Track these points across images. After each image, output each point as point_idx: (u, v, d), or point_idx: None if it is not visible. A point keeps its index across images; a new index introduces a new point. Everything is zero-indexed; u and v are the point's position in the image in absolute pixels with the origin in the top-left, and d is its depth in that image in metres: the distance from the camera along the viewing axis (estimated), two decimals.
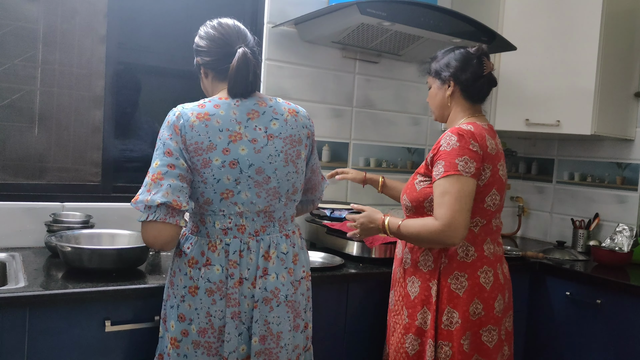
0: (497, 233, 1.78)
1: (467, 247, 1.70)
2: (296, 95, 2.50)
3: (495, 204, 1.71)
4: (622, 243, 2.42)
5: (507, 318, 1.77)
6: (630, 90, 2.64)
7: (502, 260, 1.78)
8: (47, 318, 1.44)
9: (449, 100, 1.79)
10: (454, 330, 1.67)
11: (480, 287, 1.68)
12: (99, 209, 2.10)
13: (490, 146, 1.68)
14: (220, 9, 2.43)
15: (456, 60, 1.76)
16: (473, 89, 1.76)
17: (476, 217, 1.69)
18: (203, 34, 1.49)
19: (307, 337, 1.57)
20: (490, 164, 1.67)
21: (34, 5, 2.03)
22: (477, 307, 1.67)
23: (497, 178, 1.69)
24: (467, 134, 1.64)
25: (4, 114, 2.01)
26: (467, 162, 1.61)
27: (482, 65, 1.75)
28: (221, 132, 1.37)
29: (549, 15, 2.51)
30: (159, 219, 1.31)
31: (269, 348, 1.42)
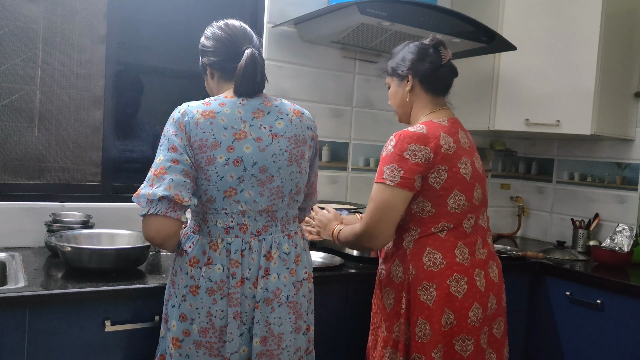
0: (475, 235, 1.66)
1: (433, 255, 1.61)
2: (296, 95, 2.50)
3: (461, 205, 1.62)
4: (622, 243, 2.42)
5: (495, 324, 1.68)
6: (630, 90, 2.64)
7: (485, 264, 1.67)
8: (47, 318, 1.44)
9: (409, 96, 1.71)
10: (426, 342, 1.58)
11: (450, 296, 1.58)
12: (99, 209, 2.10)
13: (447, 145, 1.60)
14: (220, 9, 2.43)
15: (411, 53, 1.69)
16: (433, 80, 1.68)
17: (441, 222, 1.62)
18: (209, 35, 1.48)
19: (309, 340, 1.55)
20: (446, 165, 1.59)
21: (34, 5, 2.03)
22: (448, 317, 1.58)
23: (459, 178, 1.61)
24: (408, 138, 1.58)
25: (4, 114, 2.01)
26: (393, 171, 1.56)
27: (439, 54, 1.67)
28: (226, 129, 1.36)
29: (549, 15, 2.51)
30: (160, 213, 1.30)
31: (271, 349, 1.41)
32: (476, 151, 1.74)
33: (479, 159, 1.73)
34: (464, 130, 1.73)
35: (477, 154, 1.73)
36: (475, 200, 1.66)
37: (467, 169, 1.64)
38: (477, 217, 1.68)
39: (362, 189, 2.73)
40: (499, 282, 1.70)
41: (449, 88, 1.73)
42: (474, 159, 1.69)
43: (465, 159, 1.64)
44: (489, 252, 1.71)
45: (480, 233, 1.69)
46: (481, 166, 1.73)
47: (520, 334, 2.40)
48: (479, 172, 1.69)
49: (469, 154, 1.67)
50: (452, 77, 1.72)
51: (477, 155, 1.73)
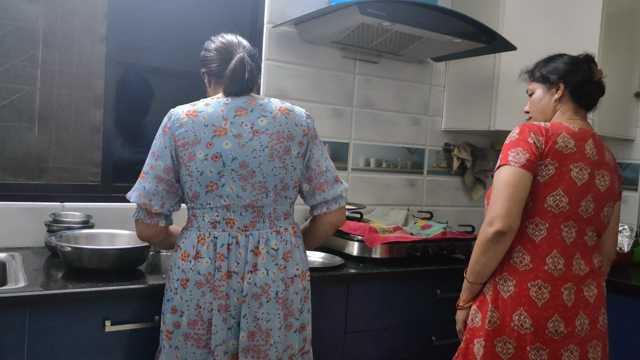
0: (574, 249, 1.59)
1: (522, 255, 1.59)
2: (296, 95, 2.50)
3: (560, 206, 1.57)
4: (623, 243, 2.42)
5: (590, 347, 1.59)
6: (630, 90, 2.63)
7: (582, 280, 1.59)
8: (47, 318, 1.44)
9: (555, 104, 1.74)
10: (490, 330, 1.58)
11: (529, 300, 1.55)
12: (99, 209, 2.10)
13: (563, 144, 1.58)
14: (221, 9, 2.43)
15: (565, 64, 1.73)
16: (582, 92, 1.71)
17: (535, 218, 1.59)
18: (209, 47, 1.58)
19: (305, 340, 1.55)
20: (556, 161, 1.57)
21: (34, 5, 2.03)
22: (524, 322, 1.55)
23: (566, 179, 1.57)
24: (530, 127, 1.61)
25: (4, 114, 2.01)
26: (518, 153, 1.57)
27: (591, 70, 1.71)
28: (206, 127, 1.43)
29: (549, 15, 2.51)
30: (139, 219, 1.48)
31: (258, 345, 1.42)
32: (612, 172, 1.67)
33: (608, 179, 1.65)
34: (600, 146, 1.68)
35: (609, 174, 1.65)
36: (581, 210, 1.60)
37: (582, 176, 1.60)
38: (580, 229, 1.61)
39: (362, 189, 2.73)
40: (595, 303, 1.61)
41: (594, 104, 1.75)
42: (598, 174, 1.63)
43: (583, 166, 1.60)
44: (591, 271, 1.63)
45: (582, 250, 1.62)
46: (608, 186, 1.65)
47: None
48: (597, 187, 1.62)
49: (592, 164, 1.62)
50: (599, 94, 1.74)
51: (606, 174, 1.65)
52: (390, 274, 2.00)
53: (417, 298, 2.10)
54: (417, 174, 2.91)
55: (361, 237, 2.09)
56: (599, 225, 1.66)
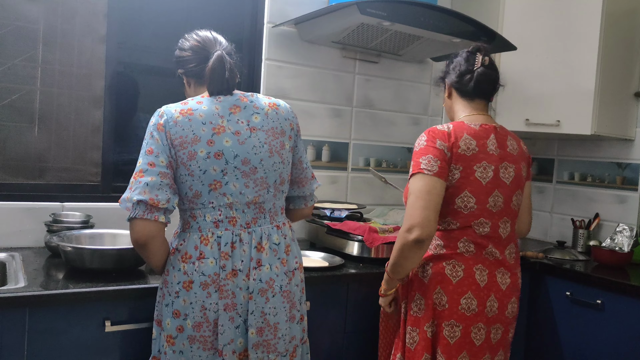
0: (487, 241, 1.69)
1: (437, 242, 1.71)
2: (296, 95, 2.50)
3: (469, 207, 1.66)
4: (622, 243, 2.42)
5: (493, 328, 1.69)
6: (630, 90, 2.63)
7: (494, 266, 1.69)
8: (46, 318, 1.44)
9: (449, 102, 1.83)
10: (420, 317, 1.69)
11: (444, 277, 1.66)
12: (99, 209, 2.10)
13: (465, 146, 1.64)
14: (220, 9, 2.43)
15: (450, 62, 1.81)
16: (462, 86, 1.77)
17: (447, 218, 1.68)
18: (181, 45, 1.56)
19: (304, 330, 1.58)
20: (461, 165, 1.64)
21: (34, 5, 2.03)
22: (441, 299, 1.66)
23: (472, 180, 1.65)
24: (435, 133, 1.65)
25: (4, 114, 2.01)
26: (430, 161, 1.62)
27: (473, 61, 1.75)
28: (204, 124, 1.41)
29: (549, 15, 2.51)
30: (137, 216, 1.35)
31: (267, 339, 1.43)
32: (516, 162, 1.74)
33: (512, 169, 1.72)
34: (502, 137, 1.74)
35: (512, 165, 1.72)
36: (490, 205, 1.68)
37: (486, 174, 1.67)
38: (494, 224, 1.69)
39: (362, 189, 2.73)
40: (506, 291, 1.71)
41: (484, 93, 1.77)
42: (502, 167, 1.70)
43: (486, 164, 1.67)
44: (504, 260, 1.72)
45: (495, 241, 1.71)
46: (513, 177, 1.72)
47: (520, 334, 2.40)
48: (503, 181, 1.70)
49: (494, 160, 1.68)
50: (485, 81, 1.75)
51: (509, 165, 1.71)
52: None
53: None
54: None
55: (361, 237, 2.09)
56: (511, 214, 1.74)
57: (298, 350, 1.54)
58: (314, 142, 2.59)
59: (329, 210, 2.33)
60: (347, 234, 2.14)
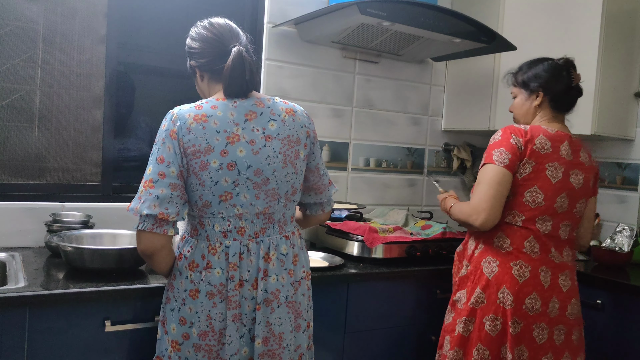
0: (549, 240, 1.75)
1: (504, 239, 1.76)
2: (296, 95, 2.50)
3: (537, 202, 1.71)
4: (622, 243, 2.42)
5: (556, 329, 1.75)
6: (630, 90, 2.63)
7: (557, 268, 1.75)
8: (47, 318, 1.44)
9: (537, 109, 1.85)
10: (478, 309, 1.74)
11: (512, 277, 1.71)
12: (99, 209, 2.10)
13: (540, 144, 1.71)
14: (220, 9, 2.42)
15: (546, 72, 1.82)
16: (561, 100, 1.81)
17: (514, 210, 1.74)
18: (195, 36, 1.46)
19: (309, 337, 1.57)
20: (534, 161, 1.70)
21: (34, 5, 2.03)
22: (506, 298, 1.70)
23: (542, 177, 1.71)
24: (511, 129, 1.73)
25: (4, 114, 2.01)
26: (502, 154, 1.70)
27: (570, 76, 1.80)
28: (219, 133, 1.35)
29: (549, 15, 2.51)
30: (146, 229, 1.32)
31: (272, 349, 1.42)
32: (586, 171, 1.79)
33: (582, 177, 1.77)
34: (576, 147, 1.79)
35: (582, 173, 1.77)
36: (557, 206, 1.74)
37: (556, 174, 1.73)
38: (555, 224, 1.75)
39: (362, 189, 2.73)
40: (567, 292, 1.77)
41: (572, 107, 1.85)
42: (573, 172, 1.75)
43: (558, 165, 1.73)
44: (564, 262, 1.78)
45: (555, 242, 1.77)
46: (582, 184, 1.77)
47: None
48: (572, 185, 1.75)
49: (566, 164, 1.74)
50: (577, 97, 1.84)
51: (580, 173, 1.76)
52: (390, 274, 2.00)
53: (417, 298, 2.10)
54: (416, 174, 2.91)
55: (361, 237, 2.09)
56: (573, 220, 1.80)
57: (304, 358, 1.52)
58: None
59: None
60: (347, 234, 2.14)
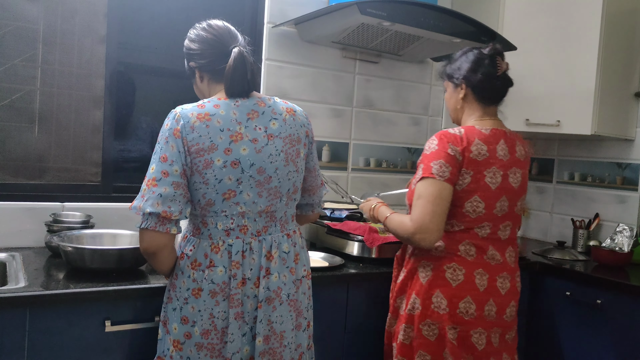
0: (487, 243, 1.70)
1: (440, 245, 1.69)
2: (296, 95, 2.50)
3: (477, 211, 1.66)
4: (622, 243, 2.42)
5: (492, 332, 1.69)
6: (631, 90, 2.63)
7: (495, 270, 1.70)
8: (47, 318, 1.44)
9: (461, 103, 1.79)
10: (415, 315, 1.70)
11: (445, 281, 1.66)
12: (99, 209, 2.10)
13: (478, 151, 1.64)
14: (221, 9, 2.43)
15: (468, 63, 1.75)
16: (485, 91, 1.74)
17: (452, 220, 1.68)
18: (194, 37, 1.48)
19: (309, 336, 1.57)
20: (471, 170, 1.64)
21: (34, 5, 2.03)
22: (441, 303, 1.66)
23: (482, 185, 1.65)
24: (447, 137, 1.65)
25: (4, 114, 2.01)
26: (441, 166, 1.62)
27: (495, 66, 1.72)
28: (222, 132, 1.36)
29: (549, 15, 2.51)
30: (149, 227, 1.33)
31: (273, 348, 1.43)
32: (524, 167, 1.75)
33: (520, 174, 1.73)
34: (512, 142, 1.73)
35: (520, 170, 1.73)
36: (496, 211, 1.68)
37: (495, 179, 1.67)
38: (494, 227, 1.70)
39: (362, 189, 2.73)
40: (506, 295, 1.72)
41: (501, 98, 1.78)
42: (511, 172, 1.70)
43: (496, 169, 1.67)
44: (505, 263, 1.72)
45: (496, 244, 1.72)
46: (520, 182, 1.73)
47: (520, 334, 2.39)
48: (511, 186, 1.70)
49: (504, 165, 1.68)
50: (505, 88, 1.76)
51: (517, 170, 1.72)
52: (390, 274, 2.00)
53: None
54: None
55: (361, 237, 2.09)
56: (514, 218, 1.75)
57: (304, 358, 1.53)
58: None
59: (329, 210, 2.33)
60: (347, 234, 2.14)
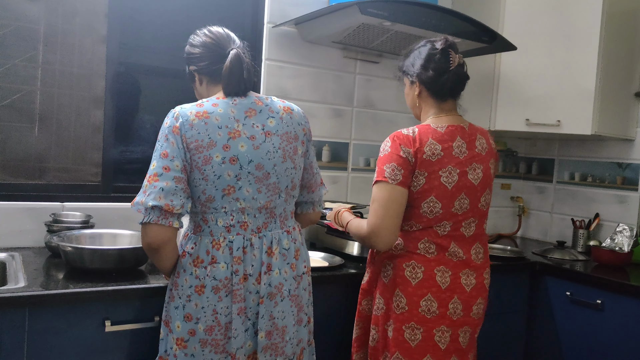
0: (449, 240, 1.65)
1: (399, 243, 1.68)
2: (296, 95, 2.50)
3: (434, 212, 1.62)
4: (622, 243, 2.42)
5: (461, 331, 1.66)
6: (631, 90, 2.63)
7: (458, 267, 1.65)
8: (47, 318, 1.44)
9: (417, 100, 1.74)
10: (379, 315, 1.70)
11: (404, 280, 1.64)
12: (99, 209, 2.10)
13: (430, 152, 1.60)
14: (221, 9, 2.43)
15: (420, 59, 1.69)
16: (437, 86, 1.67)
17: (410, 221, 1.66)
18: (194, 42, 1.52)
19: (310, 332, 1.60)
20: (425, 171, 1.60)
21: (34, 5, 2.03)
22: (400, 301, 1.64)
23: (436, 185, 1.61)
24: (400, 139, 1.62)
25: (4, 114, 2.01)
26: (393, 170, 1.60)
27: (447, 60, 1.65)
28: (220, 129, 1.39)
29: (549, 15, 2.51)
30: (152, 221, 1.34)
31: (275, 343, 1.45)
32: (485, 161, 1.68)
33: (480, 170, 1.66)
34: (470, 137, 1.67)
35: (481, 165, 1.67)
36: (455, 209, 1.64)
37: (451, 178, 1.62)
38: (456, 224, 1.66)
39: (362, 189, 2.73)
40: (471, 292, 1.67)
41: (456, 93, 1.72)
42: (470, 169, 1.65)
43: (452, 168, 1.62)
44: (469, 260, 1.67)
45: (459, 241, 1.67)
46: (481, 177, 1.67)
47: (520, 334, 2.40)
48: (471, 182, 1.65)
49: (461, 163, 1.63)
50: (459, 81, 1.70)
51: (477, 166, 1.66)
52: None
53: None
54: None
55: None
56: (479, 214, 1.70)
57: (305, 353, 1.55)
58: (314, 142, 2.58)
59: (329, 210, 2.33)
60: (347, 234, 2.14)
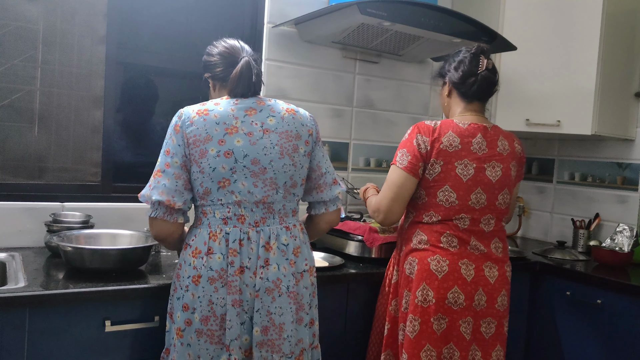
0: (469, 234, 1.75)
1: (421, 236, 1.77)
2: (296, 95, 2.50)
3: (450, 201, 1.72)
4: (623, 243, 2.42)
5: (483, 322, 1.74)
6: (631, 90, 2.63)
7: (481, 260, 1.74)
8: (47, 318, 1.44)
9: (447, 99, 1.88)
10: (408, 312, 1.74)
11: (430, 273, 1.71)
12: (99, 209, 2.10)
13: (448, 143, 1.71)
14: (221, 9, 2.43)
15: (453, 62, 1.84)
16: (464, 87, 1.80)
17: (430, 211, 1.76)
18: (211, 52, 1.61)
19: (314, 335, 1.59)
20: (442, 160, 1.71)
21: (33, 5, 2.03)
22: (428, 294, 1.70)
23: (452, 176, 1.71)
24: (420, 128, 1.75)
25: (4, 114, 2.01)
26: (403, 155, 1.74)
27: (477, 64, 1.78)
28: (218, 125, 1.45)
29: (549, 15, 2.51)
30: (158, 217, 1.45)
31: (272, 339, 1.45)
32: (505, 161, 1.77)
33: (500, 169, 1.76)
34: (492, 138, 1.77)
35: (500, 164, 1.76)
36: (472, 202, 1.74)
37: (467, 171, 1.72)
38: (474, 219, 1.75)
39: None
40: (495, 284, 1.76)
41: (483, 96, 1.82)
42: (488, 166, 1.74)
43: (468, 162, 1.73)
44: (490, 253, 1.77)
45: (479, 236, 1.76)
46: (500, 176, 1.76)
47: (520, 334, 2.40)
48: (488, 179, 1.74)
49: (478, 159, 1.74)
50: (487, 85, 1.80)
51: (497, 164, 1.75)
52: None
53: None
54: None
55: (361, 237, 2.09)
56: (497, 212, 1.79)
57: (306, 355, 1.54)
58: None
59: None
60: (347, 234, 2.14)
